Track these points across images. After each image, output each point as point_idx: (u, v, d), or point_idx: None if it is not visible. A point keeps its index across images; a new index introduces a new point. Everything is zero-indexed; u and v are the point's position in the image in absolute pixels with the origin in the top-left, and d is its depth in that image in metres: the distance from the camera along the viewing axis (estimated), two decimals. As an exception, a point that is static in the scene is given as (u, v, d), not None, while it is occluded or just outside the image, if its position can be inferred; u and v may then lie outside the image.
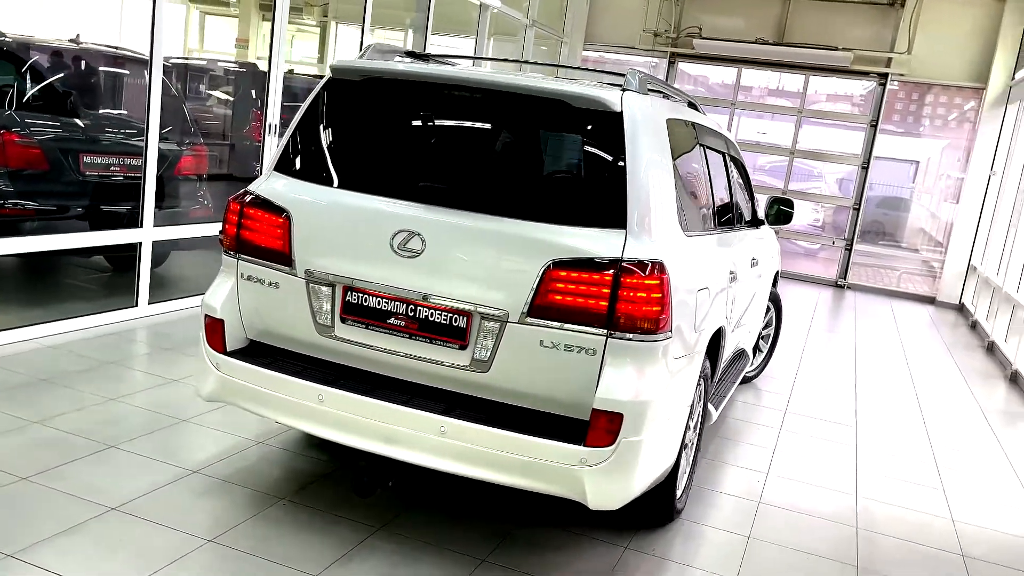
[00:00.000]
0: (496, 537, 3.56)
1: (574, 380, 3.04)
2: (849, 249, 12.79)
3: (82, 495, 3.46)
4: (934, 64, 11.99)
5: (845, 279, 12.85)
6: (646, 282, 2.98)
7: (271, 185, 3.49)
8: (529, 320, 3.03)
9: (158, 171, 5.94)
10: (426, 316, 3.18)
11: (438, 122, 3.52)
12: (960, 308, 12.11)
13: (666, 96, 3.88)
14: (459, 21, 11.01)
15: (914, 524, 4.32)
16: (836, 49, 12.08)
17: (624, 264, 2.97)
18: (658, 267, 3.01)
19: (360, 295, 3.26)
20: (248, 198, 3.48)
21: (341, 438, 3.26)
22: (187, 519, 3.40)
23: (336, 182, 3.41)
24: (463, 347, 3.15)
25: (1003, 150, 11.72)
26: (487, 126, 3.46)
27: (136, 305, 6.07)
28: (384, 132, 3.52)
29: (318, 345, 3.38)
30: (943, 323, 11.04)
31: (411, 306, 3.19)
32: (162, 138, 6.00)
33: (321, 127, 3.56)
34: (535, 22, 11.97)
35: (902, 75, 12.16)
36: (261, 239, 3.42)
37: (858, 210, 12.66)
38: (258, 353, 3.50)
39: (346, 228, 3.31)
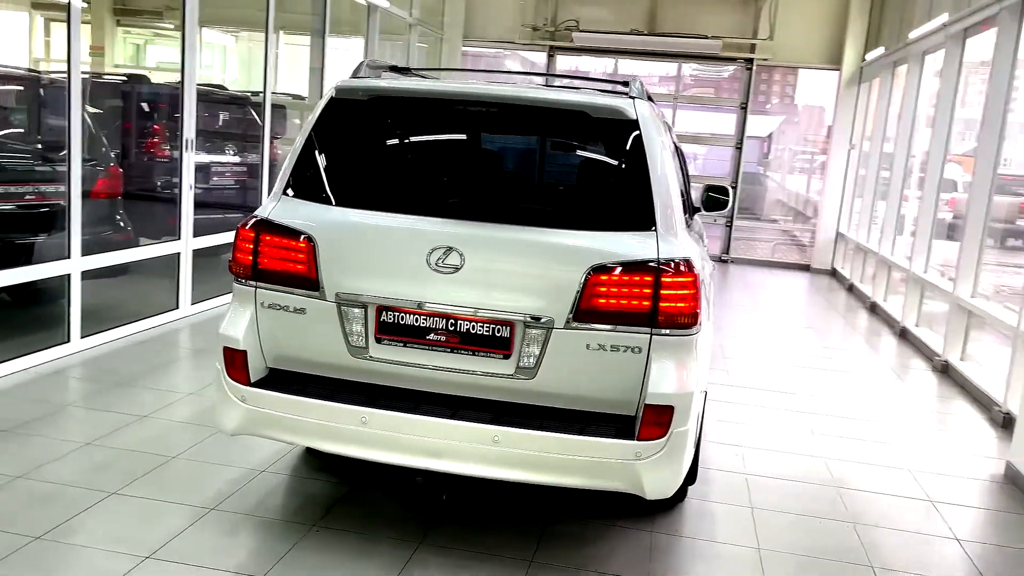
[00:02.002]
0: (533, 537, 3.66)
1: (621, 378, 3.18)
2: (730, 226, 13.56)
3: (108, 547, 3.29)
4: (794, 48, 12.88)
5: (728, 254, 13.61)
6: (682, 280, 3.15)
7: (286, 209, 3.41)
8: (575, 325, 3.14)
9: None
10: (468, 329, 3.23)
11: (458, 138, 3.56)
12: (833, 273, 13.11)
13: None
14: (345, 22, 10.83)
15: (880, 477, 4.74)
16: (706, 37, 12.74)
17: (662, 264, 3.13)
18: (688, 264, 3.19)
19: (396, 314, 3.27)
20: (263, 224, 3.39)
21: (390, 458, 3.26)
22: (229, 558, 3.31)
23: (359, 203, 3.38)
24: (507, 356, 3.22)
25: (859, 125, 12.76)
26: (508, 139, 3.53)
27: (68, 340, 5.71)
28: (403, 150, 3.52)
29: (351, 367, 3.35)
30: (823, 288, 11.94)
31: (451, 320, 3.23)
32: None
33: (332, 148, 3.51)
34: (419, 20, 11.95)
35: (766, 59, 12.98)
36: (283, 265, 3.35)
37: (735, 188, 13.42)
38: (281, 381, 3.43)
39: (378, 248, 3.30)
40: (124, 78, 9.12)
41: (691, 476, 3.90)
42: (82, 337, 5.80)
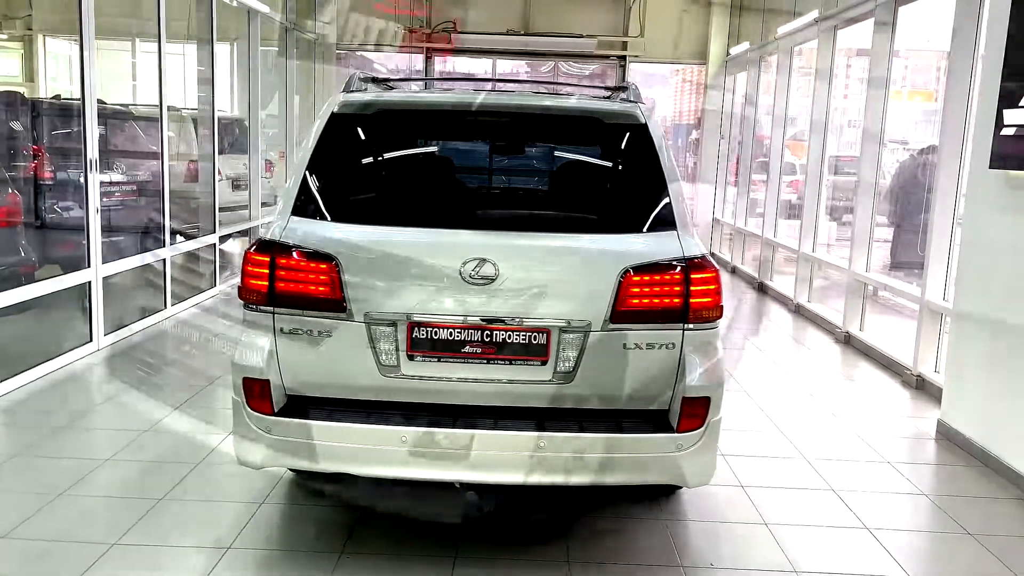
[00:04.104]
0: (559, 538, 3.70)
1: (656, 374, 3.28)
2: (613, 218, 13.98)
3: (136, 603, 3.08)
4: (663, 45, 13.44)
5: (613, 245, 14.03)
6: (706, 275, 3.29)
7: (301, 230, 3.28)
8: (612, 326, 3.21)
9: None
10: (504, 339, 3.23)
11: (472, 148, 3.54)
12: (712, 256, 13.78)
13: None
14: (221, 29, 10.38)
15: (839, 446, 5.09)
16: (581, 36, 13.10)
17: (688, 262, 3.25)
18: (708, 260, 3.34)
19: (429, 329, 3.22)
20: (277, 247, 3.24)
21: (433, 474, 3.21)
22: (271, 597, 3.17)
23: (379, 219, 3.30)
24: (544, 363, 3.24)
25: (727, 117, 13.50)
26: (525, 147, 3.54)
27: (-19, 387, 5.22)
28: (418, 163, 3.46)
29: (381, 387, 3.27)
30: (709, 273, 12.54)
31: (487, 332, 3.22)
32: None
33: (339, 165, 3.40)
34: (295, 25, 11.61)
35: (637, 56, 13.48)
36: (304, 288, 3.22)
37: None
38: (306, 407, 3.31)
39: (407, 264, 3.23)
40: (-8, 95, 8.33)
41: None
42: (0, 381, 5.32)
